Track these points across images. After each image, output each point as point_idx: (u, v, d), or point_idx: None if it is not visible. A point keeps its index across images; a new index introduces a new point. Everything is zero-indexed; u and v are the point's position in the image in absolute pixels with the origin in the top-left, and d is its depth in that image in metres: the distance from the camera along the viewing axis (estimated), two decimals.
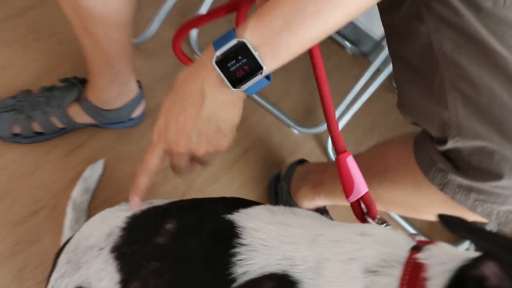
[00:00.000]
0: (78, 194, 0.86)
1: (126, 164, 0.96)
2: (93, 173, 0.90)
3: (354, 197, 0.52)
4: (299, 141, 1.19)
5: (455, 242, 1.16)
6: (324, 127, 1.18)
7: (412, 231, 1.14)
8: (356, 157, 0.80)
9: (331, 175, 0.85)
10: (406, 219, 1.16)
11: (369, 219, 0.52)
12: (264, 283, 0.41)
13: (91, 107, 0.90)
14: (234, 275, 0.42)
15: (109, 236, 0.57)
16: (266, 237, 0.44)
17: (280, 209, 0.51)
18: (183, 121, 0.49)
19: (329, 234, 0.43)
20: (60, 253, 0.66)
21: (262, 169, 1.09)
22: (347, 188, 0.52)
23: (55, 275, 0.60)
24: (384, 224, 0.51)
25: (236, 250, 0.44)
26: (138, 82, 0.95)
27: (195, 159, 0.53)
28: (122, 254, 0.52)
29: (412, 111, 0.59)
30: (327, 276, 0.39)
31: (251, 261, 0.42)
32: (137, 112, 0.98)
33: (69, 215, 0.83)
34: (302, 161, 1.00)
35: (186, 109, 0.48)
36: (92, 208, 0.88)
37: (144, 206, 0.61)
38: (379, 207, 0.78)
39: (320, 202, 0.90)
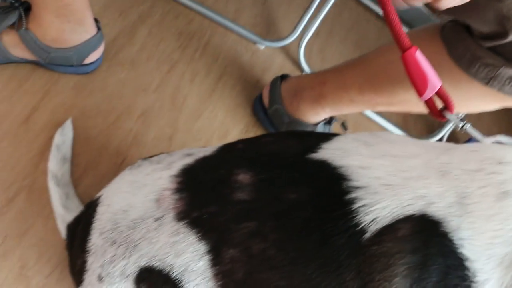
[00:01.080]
0: (56, 166, 0.71)
1: (98, 118, 0.81)
2: (64, 137, 0.74)
3: (429, 94, 0.48)
4: (268, 57, 1.10)
5: (430, 133, 1.22)
6: (291, 38, 1.10)
7: (389, 126, 1.16)
8: (369, 64, 0.75)
9: (333, 86, 0.80)
10: (380, 114, 1.17)
11: (448, 115, 0.48)
12: (400, 228, 0.35)
13: (31, 40, 0.72)
14: (362, 225, 0.36)
15: (158, 202, 0.47)
16: (382, 174, 0.38)
17: (366, 136, 0.44)
18: None
19: (457, 162, 0.38)
20: (79, 237, 0.55)
21: (241, 93, 1.00)
22: (419, 85, 0.48)
23: (95, 263, 0.50)
24: (464, 121, 0.48)
25: (353, 195, 0.38)
26: (97, 21, 0.77)
27: None
28: (195, 220, 0.43)
29: (454, 8, 0.54)
30: (477, 213, 0.35)
31: (377, 205, 0.36)
32: (92, 58, 0.80)
33: (55, 192, 0.69)
34: (283, 77, 0.93)
35: None
36: (76, 178, 0.74)
37: (185, 160, 0.51)
38: (401, 109, 0.75)
39: (325, 115, 0.86)
